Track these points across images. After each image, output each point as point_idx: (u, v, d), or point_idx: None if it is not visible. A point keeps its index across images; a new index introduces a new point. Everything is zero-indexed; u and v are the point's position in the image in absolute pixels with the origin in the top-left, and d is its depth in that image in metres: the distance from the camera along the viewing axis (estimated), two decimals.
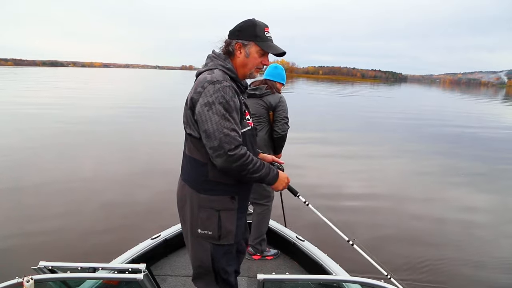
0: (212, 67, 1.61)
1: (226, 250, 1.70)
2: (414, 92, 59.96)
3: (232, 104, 1.50)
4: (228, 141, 1.46)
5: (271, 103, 2.77)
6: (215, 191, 1.61)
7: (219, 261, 1.69)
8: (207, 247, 1.67)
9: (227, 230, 1.64)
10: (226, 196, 1.63)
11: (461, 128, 14.45)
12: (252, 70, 1.66)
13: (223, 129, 1.46)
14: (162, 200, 4.97)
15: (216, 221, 1.62)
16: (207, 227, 1.63)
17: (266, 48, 1.62)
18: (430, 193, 6.19)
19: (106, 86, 36.70)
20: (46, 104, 16.28)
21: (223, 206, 1.62)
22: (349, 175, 7.01)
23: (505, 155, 9.64)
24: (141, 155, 7.91)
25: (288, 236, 2.98)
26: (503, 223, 5.06)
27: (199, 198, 1.63)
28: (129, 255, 2.49)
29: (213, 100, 1.48)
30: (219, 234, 1.63)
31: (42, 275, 1.35)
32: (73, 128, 10.69)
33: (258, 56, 1.63)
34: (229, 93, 1.50)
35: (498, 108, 31.65)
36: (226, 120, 1.47)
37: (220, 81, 1.51)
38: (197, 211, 1.64)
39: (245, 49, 1.61)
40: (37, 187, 5.53)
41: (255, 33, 1.60)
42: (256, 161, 1.56)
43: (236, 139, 1.48)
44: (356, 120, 15.62)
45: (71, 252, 3.69)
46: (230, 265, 1.75)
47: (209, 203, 1.62)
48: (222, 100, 1.48)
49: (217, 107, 1.47)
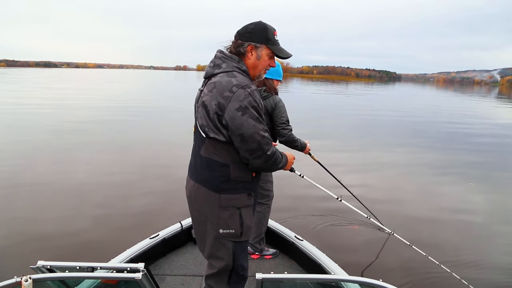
0: (228, 69, 1.61)
1: (244, 246, 1.75)
2: (408, 91, 60.48)
3: (261, 107, 1.58)
4: (265, 142, 1.57)
5: (267, 108, 2.73)
6: (236, 190, 1.65)
7: (238, 258, 1.72)
8: (229, 246, 1.68)
9: (248, 226, 1.70)
10: (245, 193, 1.68)
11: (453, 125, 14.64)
12: (261, 72, 1.71)
13: (259, 131, 1.54)
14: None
15: (238, 218, 1.65)
16: (230, 226, 1.65)
17: (278, 52, 1.67)
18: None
19: (103, 86, 36.49)
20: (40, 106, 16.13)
21: (243, 204, 1.67)
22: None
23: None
24: (138, 153, 7.88)
25: (287, 235, 2.98)
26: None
27: (219, 199, 1.63)
28: (127, 254, 2.49)
29: (246, 104, 1.51)
30: (241, 231, 1.67)
31: (41, 274, 1.35)
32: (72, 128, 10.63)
33: (268, 58, 1.68)
34: (257, 96, 1.57)
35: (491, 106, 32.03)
36: (260, 123, 1.55)
37: (249, 85, 1.55)
38: (218, 211, 1.64)
39: (257, 52, 1.64)
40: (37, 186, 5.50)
41: (267, 36, 1.64)
42: (279, 153, 1.73)
43: (270, 139, 1.60)
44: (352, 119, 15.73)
45: (70, 252, 3.68)
46: (246, 260, 1.80)
47: (231, 202, 1.64)
48: (254, 104, 1.53)
49: (251, 111, 1.52)
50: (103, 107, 16.60)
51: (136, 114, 14.31)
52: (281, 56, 1.68)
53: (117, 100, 20.52)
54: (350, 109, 20.96)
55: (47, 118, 12.54)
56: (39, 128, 10.51)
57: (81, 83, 41.33)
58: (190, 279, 2.62)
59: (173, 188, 5.54)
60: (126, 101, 20.00)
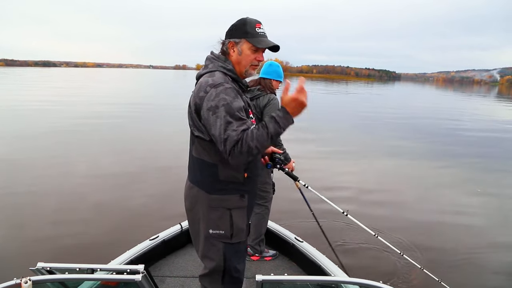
0: (213, 69, 1.62)
1: (237, 248, 1.71)
2: (409, 91, 60.24)
3: (236, 105, 1.50)
4: (233, 141, 1.46)
5: (260, 106, 2.73)
6: (226, 191, 1.63)
7: (230, 260, 1.70)
8: (219, 246, 1.68)
9: (239, 228, 1.67)
10: (237, 194, 1.65)
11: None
12: (246, 67, 1.65)
13: (227, 131, 1.46)
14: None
15: (228, 220, 1.64)
16: (219, 226, 1.64)
17: (257, 43, 1.60)
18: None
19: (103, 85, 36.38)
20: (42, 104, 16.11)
21: (234, 205, 1.65)
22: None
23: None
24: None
25: (287, 237, 2.98)
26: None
27: (209, 199, 1.64)
28: (127, 256, 2.48)
29: (216, 104, 1.48)
30: (231, 233, 1.65)
31: (40, 276, 1.35)
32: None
33: (251, 52, 1.62)
34: (231, 94, 1.51)
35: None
36: (227, 123, 1.47)
37: (222, 83, 1.52)
38: (208, 212, 1.65)
39: (237, 47, 1.62)
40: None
41: (246, 30, 1.60)
42: (255, 133, 1.45)
43: (233, 138, 1.45)
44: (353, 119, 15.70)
45: (69, 253, 3.68)
46: (241, 263, 1.77)
47: (221, 202, 1.64)
48: (224, 103, 1.48)
49: (220, 110, 1.48)
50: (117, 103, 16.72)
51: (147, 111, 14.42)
52: (260, 47, 1.61)
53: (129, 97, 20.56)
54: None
55: (53, 114, 12.56)
56: (50, 124, 10.52)
57: (90, 82, 41.02)
58: (190, 280, 2.62)
59: (173, 188, 5.53)
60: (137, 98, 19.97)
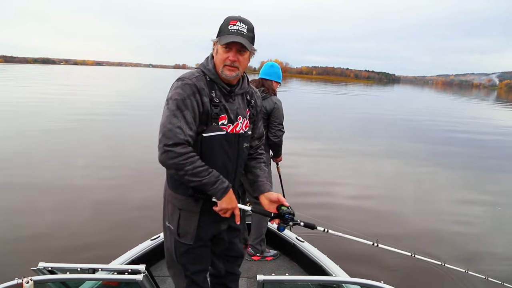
0: (196, 67, 1.62)
1: (187, 249, 1.66)
2: (409, 94, 60.22)
3: (188, 103, 1.46)
4: (168, 136, 1.42)
5: (266, 108, 2.78)
6: (178, 189, 1.62)
7: (180, 257, 1.69)
8: (172, 240, 1.69)
9: (185, 230, 1.62)
10: (190, 197, 1.59)
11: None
12: (220, 67, 1.54)
13: (168, 124, 1.44)
14: None
15: (177, 218, 1.63)
16: (171, 221, 1.66)
17: (220, 41, 1.51)
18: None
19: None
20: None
21: (184, 206, 1.61)
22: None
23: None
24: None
25: (288, 237, 2.97)
26: None
27: (168, 192, 1.67)
28: (128, 256, 2.47)
29: (170, 96, 1.49)
30: (178, 232, 1.64)
31: (42, 276, 1.34)
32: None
33: (223, 52, 1.51)
34: (187, 91, 1.47)
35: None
36: (174, 117, 1.44)
37: (183, 78, 1.51)
38: (166, 204, 1.69)
39: (216, 47, 1.57)
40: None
41: (221, 28, 1.53)
42: (199, 165, 1.46)
43: (177, 136, 1.42)
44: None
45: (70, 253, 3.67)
46: (194, 264, 1.71)
47: (173, 199, 1.65)
48: (177, 97, 1.47)
49: (171, 102, 1.47)
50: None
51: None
52: (226, 45, 1.49)
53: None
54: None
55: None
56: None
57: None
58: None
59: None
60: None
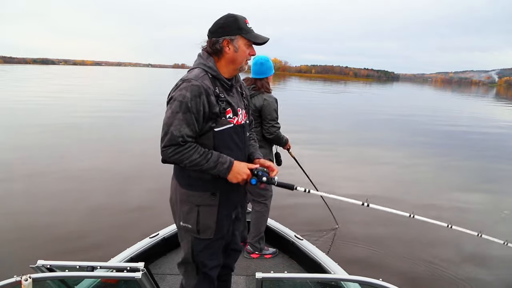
0: (194, 66, 1.65)
1: (206, 244, 1.71)
2: (409, 91, 60.09)
3: (192, 104, 1.49)
4: (168, 136, 1.50)
5: (256, 105, 2.74)
6: (194, 187, 1.64)
7: (198, 254, 1.71)
8: (188, 239, 1.71)
9: (206, 225, 1.66)
10: (207, 192, 1.64)
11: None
12: (242, 63, 1.67)
13: (169, 126, 1.50)
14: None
15: (195, 215, 1.65)
16: (187, 220, 1.67)
17: (254, 39, 1.63)
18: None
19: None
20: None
21: (202, 202, 1.64)
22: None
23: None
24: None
25: (287, 235, 2.98)
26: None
27: (180, 192, 1.68)
28: (127, 253, 2.48)
29: (175, 96, 1.52)
30: (198, 229, 1.66)
31: (40, 274, 1.35)
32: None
33: (246, 48, 1.64)
34: (193, 92, 1.51)
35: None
36: (175, 119, 1.49)
37: (190, 79, 1.54)
38: (180, 204, 1.69)
39: (233, 44, 1.61)
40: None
41: (239, 26, 1.60)
42: (195, 157, 1.52)
43: (176, 137, 1.49)
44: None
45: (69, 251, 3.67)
46: (211, 259, 1.76)
47: (189, 197, 1.65)
48: (181, 99, 1.50)
49: (175, 103, 1.51)
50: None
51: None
52: (258, 43, 1.65)
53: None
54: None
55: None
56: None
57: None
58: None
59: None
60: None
